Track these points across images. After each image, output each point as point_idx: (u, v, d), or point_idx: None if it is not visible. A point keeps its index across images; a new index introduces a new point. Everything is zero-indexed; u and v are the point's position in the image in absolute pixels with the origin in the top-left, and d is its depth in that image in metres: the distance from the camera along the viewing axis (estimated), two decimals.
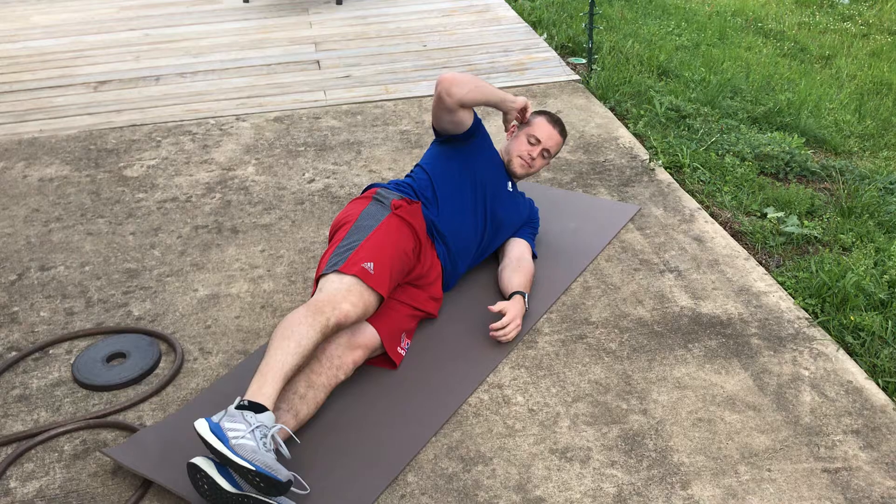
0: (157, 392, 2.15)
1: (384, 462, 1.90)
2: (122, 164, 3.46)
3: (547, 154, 2.55)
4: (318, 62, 4.56)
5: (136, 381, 2.20)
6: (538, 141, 2.51)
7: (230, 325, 2.42)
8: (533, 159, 2.52)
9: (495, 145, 2.56)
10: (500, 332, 2.24)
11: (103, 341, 2.34)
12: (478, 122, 2.43)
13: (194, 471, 1.72)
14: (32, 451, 1.98)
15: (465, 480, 1.85)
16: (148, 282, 2.64)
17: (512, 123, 2.51)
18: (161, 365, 2.27)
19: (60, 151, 3.59)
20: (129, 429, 2.03)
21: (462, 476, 1.87)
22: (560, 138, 2.57)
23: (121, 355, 2.29)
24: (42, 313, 2.51)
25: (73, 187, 3.28)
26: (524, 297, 2.34)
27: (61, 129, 3.81)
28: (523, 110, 2.44)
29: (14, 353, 2.33)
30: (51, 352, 2.34)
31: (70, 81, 4.41)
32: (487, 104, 2.38)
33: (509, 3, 5.52)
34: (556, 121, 2.57)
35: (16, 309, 2.53)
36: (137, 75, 4.46)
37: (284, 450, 1.75)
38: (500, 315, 2.29)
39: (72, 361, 2.28)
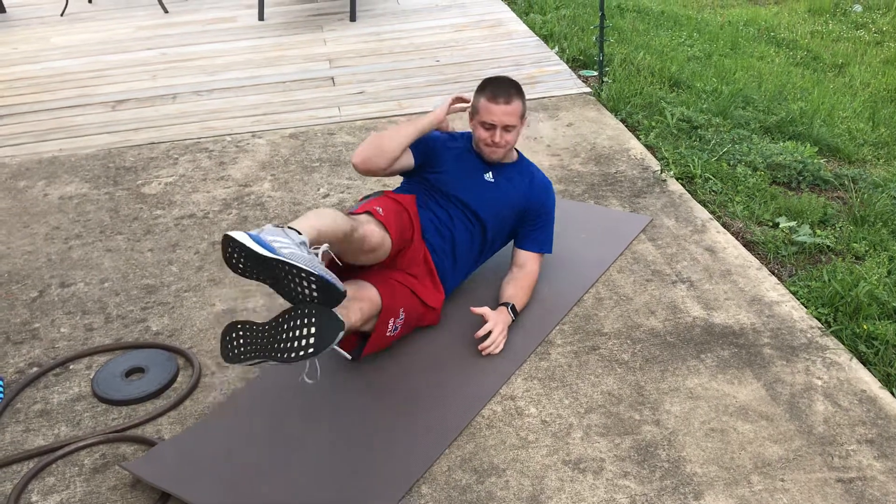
0: (175, 406, 2.18)
1: (398, 474, 1.91)
2: (140, 182, 3.51)
3: (510, 128, 2.42)
4: (332, 79, 4.61)
5: (154, 395, 2.23)
6: (493, 125, 2.42)
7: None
8: (497, 143, 2.43)
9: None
10: (487, 342, 2.26)
11: (122, 356, 2.38)
12: (425, 147, 2.47)
13: (229, 244, 1.70)
14: (53, 466, 2.01)
15: (478, 492, 1.87)
16: (166, 297, 2.68)
17: (469, 115, 2.52)
18: (179, 379, 2.30)
19: (80, 170, 3.66)
20: (147, 443, 2.06)
21: (475, 488, 1.88)
22: (511, 107, 2.40)
23: (139, 370, 2.33)
24: (62, 329, 2.56)
25: (93, 205, 3.34)
26: (508, 308, 2.36)
27: (81, 148, 3.88)
28: (456, 102, 2.50)
29: (35, 369, 2.37)
30: (71, 367, 2.38)
31: (89, 101, 4.48)
32: (414, 139, 2.40)
33: (521, 18, 5.56)
34: (499, 93, 2.40)
35: (37, 325, 2.58)
36: (155, 94, 4.53)
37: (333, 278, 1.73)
38: (485, 321, 2.31)
39: (91, 376, 2.32)
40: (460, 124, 2.71)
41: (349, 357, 2.04)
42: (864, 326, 2.38)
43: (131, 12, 6.30)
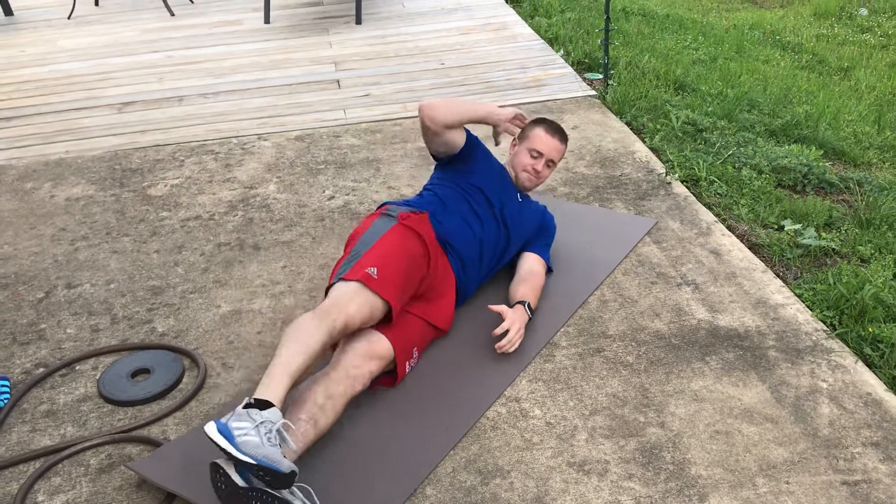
0: (180, 407, 2.19)
1: (403, 475, 1.92)
2: (146, 184, 3.53)
3: (552, 164, 2.60)
4: (338, 81, 4.62)
5: (160, 396, 2.24)
6: (540, 154, 2.56)
7: (252, 340, 2.46)
8: (538, 172, 2.58)
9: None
10: (504, 341, 2.26)
11: (128, 357, 2.39)
12: (473, 141, 2.52)
13: (214, 470, 1.76)
14: (59, 466, 2.02)
15: (483, 493, 1.87)
16: (171, 299, 2.69)
17: (512, 139, 2.56)
18: (184, 380, 2.31)
19: (86, 172, 3.67)
20: (153, 443, 2.07)
21: (480, 489, 1.88)
22: (561, 146, 2.61)
23: (145, 371, 2.34)
24: (69, 330, 2.57)
25: (99, 207, 3.35)
26: (525, 306, 2.37)
27: (87, 150, 3.89)
28: (516, 119, 2.49)
29: (42, 370, 2.38)
30: (77, 368, 2.39)
31: (96, 103, 4.50)
32: (472, 121, 2.44)
33: (526, 21, 5.57)
34: (554, 129, 2.60)
35: (43, 326, 2.59)
36: (161, 96, 4.55)
37: (290, 443, 1.77)
38: (502, 319, 2.31)
39: (98, 377, 2.33)
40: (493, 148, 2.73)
41: None
42: (870, 329, 2.37)
43: (138, 15, 6.32)
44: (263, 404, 1.78)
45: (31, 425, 2.17)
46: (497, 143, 2.59)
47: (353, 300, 2.05)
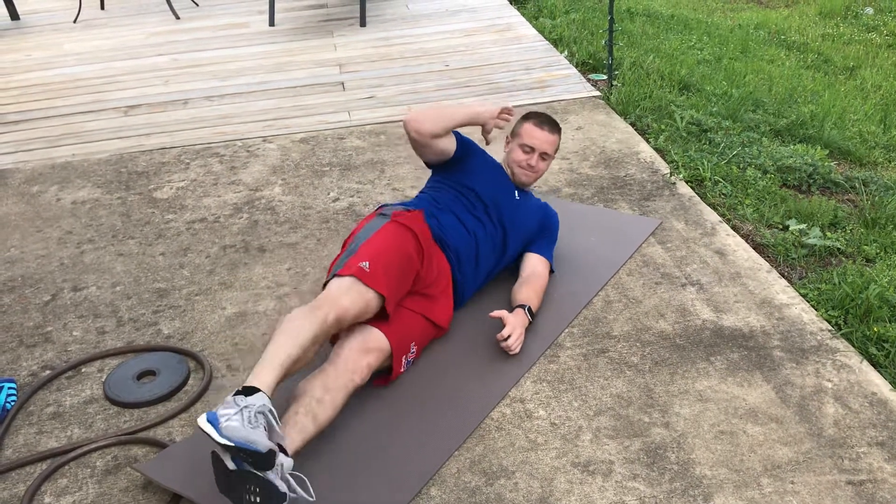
0: (186, 408, 2.20)
1: (408, 476, 1.92)
2: (151, 187, 3.54)
3: (546, 156, 2.59)
4: (342, 84, 4.63)
5: (165, 398, 2.25)
6: (532, 149, 2.55)
7: (257, 342, 2.46)
8: (532, 167, 2.56)
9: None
10: (504, 344, 2.27)
11: (134, 359, 2.40)
12: (466, 144, 2.52)
13: (214, 459, 1.77)
14: (66, 467, 2.03)
15: (487, 494, 1.87)
16: (177, 301, 2.70)
17: (507, 136, 2.55)
18: (190, 382, 2.32)
19: (92, 175, 3.69)
20: (159, 445, 2.07)
21: (485, 490, 1.89)
22: (552, 137, 2.57)
23: (151, 373, 2.34)
24: (75, 333, 2.58)
25: (105, 209, 3.37)
26: (525, 309, 2.37)
27: (93, 153, 3.91)
28: (503, 113, 2.49)
29: (48, 372, 2.39)
30: (83, 370, 2.40)
31: (101, 106, 4.52)
32: (460, 125, 2.44)
33: (530, 22, 5.57)
34: (543, 121, 2.58)
35: (49, 329, 2.60)
36: (166, 99, 4.57)
37: (276, 426, 1.77)
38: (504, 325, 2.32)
39: (103, 379, 2.34)
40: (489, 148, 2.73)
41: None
42: (875, 329, 2.37)
43: (143, 18, 6.34)
44: (250, 390, 1.79)
45: (38, 427, 2.18)
46: (487, 143, 2.58)
47: (347, 294, 2.06)
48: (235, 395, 1.79)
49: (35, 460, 2.06)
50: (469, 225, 2.45)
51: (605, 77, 4.52)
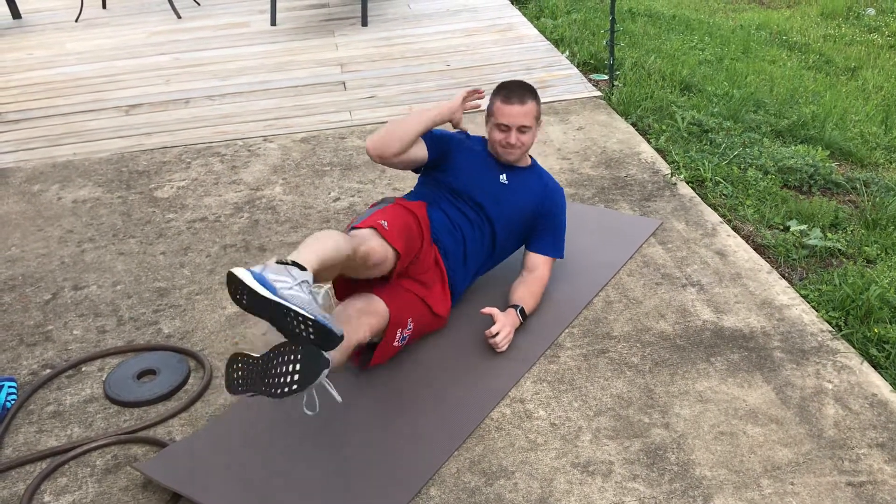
0: (186, 408, 2.20)
1: (407, 476, 1.92)
2: (152, 186, 3.54)
3: (525, 129, 2.46)
4: (343, 83, 4.63)
5: (165, 397, 2.25)
6: (508, 126, 2.45)
7: (257, 341, 2.46)
8: (511, 144, 2.46)
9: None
10: (492, 341, 2.28)
11: (134, 359, 2.40)
12: (441, 142, 2.49)
13: (232, 281, 1.72)
14: (66, 466, 2.03)
15: (487, 494, 1.87)
16: (178, 300, 2.70)
17: (486, 116, 2.53)
18: (190, 381, 2.32)
19: (93, 174, 3.69)
20: (159, 444, 2.08)
21: (484, 490, 1.88)
22: (525, 107, 2.44)
23: (151, 372, 2.35)
24: (75, 332, 2.58)
25: (106, 209, 3.37)
26: (517, 310, 2.37)
27: (94, 152, 3.91)
28: (469, 97, 2.48)
29: (48, 371, 2.39)
30: (84, 369, 2.40)
31: (102, 105, 4.52)
32: (425, 131, 2.41)
33: (531, 22, 5.57)
34: (512, 94, 2.45)
35: (50, 328, 2.61)
36: (167, 98, 4.57)
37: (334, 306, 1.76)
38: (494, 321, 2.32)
39: (104, 378, 2.34)
40: (473, 127, 2.73)
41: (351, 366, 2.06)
42: (875, 330, 2.37)
43: (145, 18, 6.35)
44: (299, 267, 1.77)
45: (38, 426, 2.18)
46: (464, 131, 2.56)
47: (373, 238, 2.10)
48: (282, 263, 1.73)
49: (35, 459, 2.06)
50: (456, 221, 2.44)
51: (606, 77, 4.52)
